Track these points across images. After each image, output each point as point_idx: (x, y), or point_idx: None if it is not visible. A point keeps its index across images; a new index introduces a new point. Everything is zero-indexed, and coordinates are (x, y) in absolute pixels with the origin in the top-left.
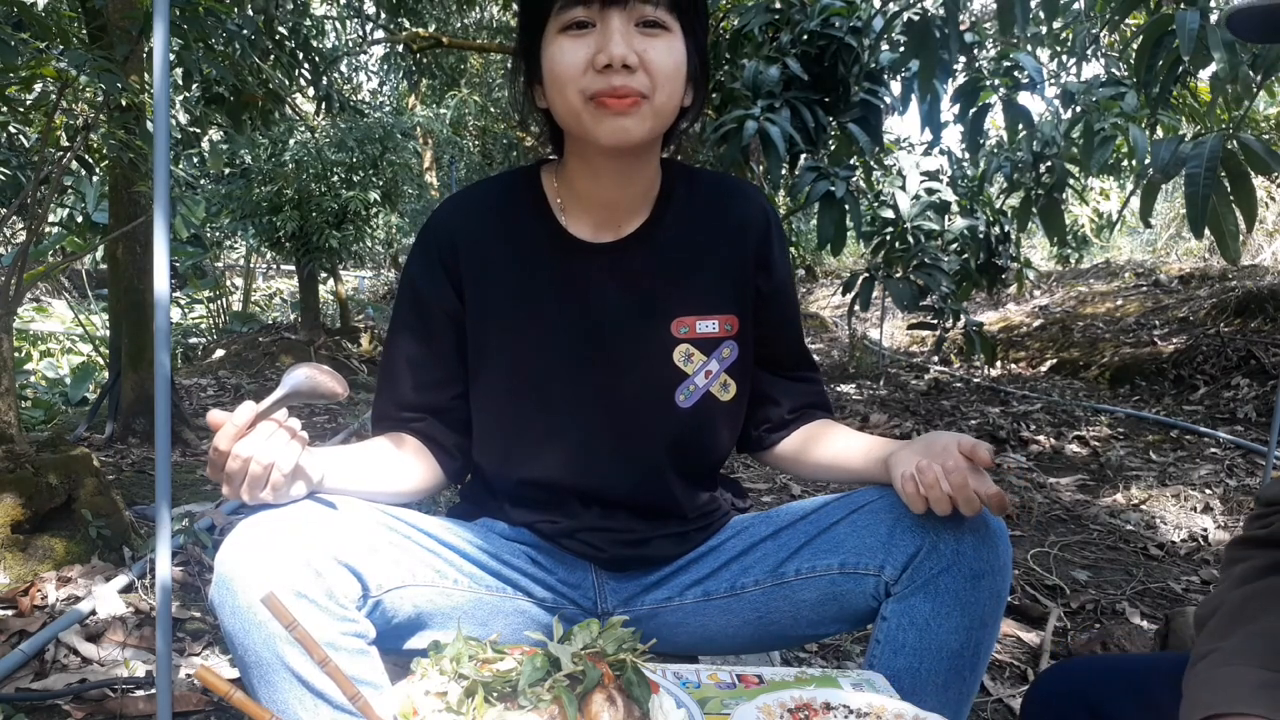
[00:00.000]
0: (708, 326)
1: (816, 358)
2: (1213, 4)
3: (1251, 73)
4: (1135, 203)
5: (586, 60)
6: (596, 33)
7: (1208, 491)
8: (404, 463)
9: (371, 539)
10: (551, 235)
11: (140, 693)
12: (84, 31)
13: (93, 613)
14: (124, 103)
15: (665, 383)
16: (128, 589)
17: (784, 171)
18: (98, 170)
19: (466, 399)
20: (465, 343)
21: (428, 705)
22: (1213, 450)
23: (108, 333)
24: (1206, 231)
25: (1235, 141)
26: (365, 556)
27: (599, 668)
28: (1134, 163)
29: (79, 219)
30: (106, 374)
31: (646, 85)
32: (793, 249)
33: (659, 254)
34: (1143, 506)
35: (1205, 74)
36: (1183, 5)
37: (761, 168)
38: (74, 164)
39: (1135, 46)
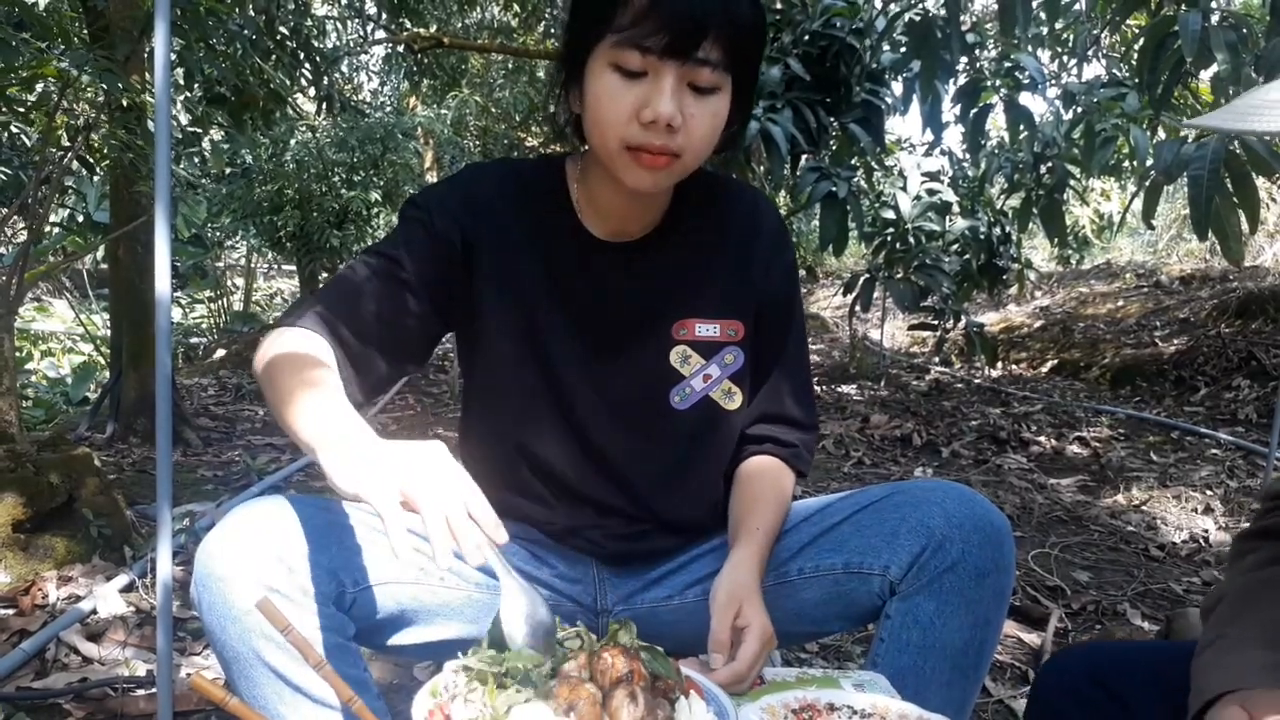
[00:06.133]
0: (707, 330)
1: (816, 358)
2: (1214, 5)
3: (1254, 73)
4: (1138, 204)
5: (632, 110)
6: (647, 82)
7: (1209, 492)
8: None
9: (348, 536)
10: (569, 228)
11: (141, 692)
12: (85, 31)
13: (93, 612)
14: (125, 103)
15: (660, 383)
16: (129, 588)
17: (786, 172)
18: (99, 170)
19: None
20: (445, 300)
21: (454, 684)
22: (1213, 451)
23: (109, 332)
24: (1209, 232)
25: (1238, 143)
26: (341, 553)
27: (631, 665)
28: (1135, 163)
29: (80, 219)
30: (107, 374)
31: (682, 145)
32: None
33: (668, 255)
34: (1144, 507)
35: (1206, 75)
36: (1184, 7)
37: (763, 168)
38: (75, 164)
39: (1138, 48)
